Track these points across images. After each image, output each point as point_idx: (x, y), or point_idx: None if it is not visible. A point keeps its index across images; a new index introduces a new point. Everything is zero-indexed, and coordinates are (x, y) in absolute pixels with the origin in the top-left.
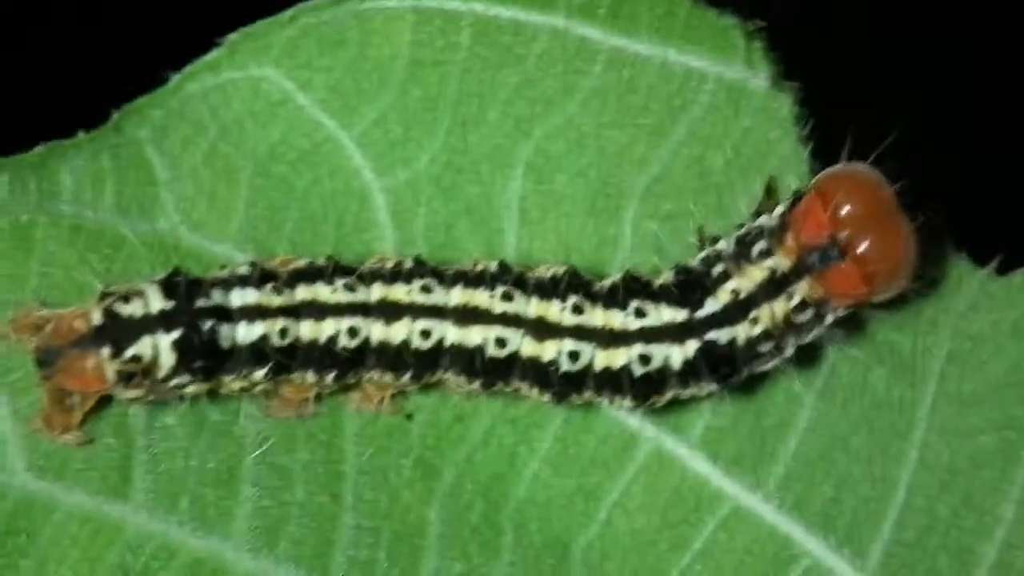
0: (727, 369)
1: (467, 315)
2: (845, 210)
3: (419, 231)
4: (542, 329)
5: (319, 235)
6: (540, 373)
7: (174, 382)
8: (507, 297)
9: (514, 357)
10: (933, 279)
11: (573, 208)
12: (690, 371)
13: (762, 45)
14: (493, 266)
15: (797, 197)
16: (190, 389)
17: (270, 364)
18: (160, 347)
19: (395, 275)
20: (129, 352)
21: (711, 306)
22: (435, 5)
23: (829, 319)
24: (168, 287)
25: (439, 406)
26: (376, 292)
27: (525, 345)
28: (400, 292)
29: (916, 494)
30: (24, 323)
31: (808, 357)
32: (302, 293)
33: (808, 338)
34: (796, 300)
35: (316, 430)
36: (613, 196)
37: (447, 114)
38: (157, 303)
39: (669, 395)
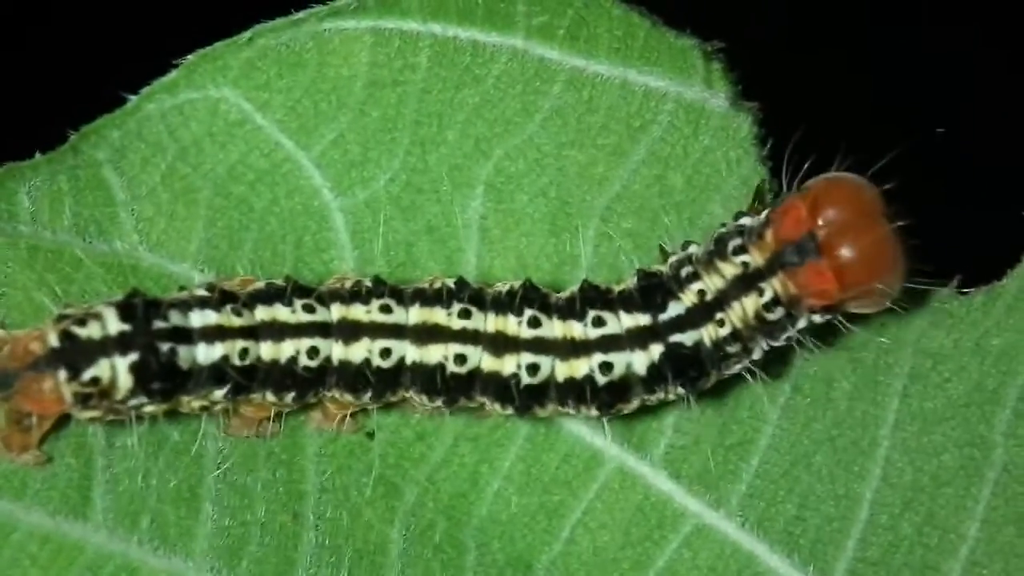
0: (694, 372)
1: (426, 333)
2: (826, 208)
3: (379, 250)
4: (500, 344)
5: (278, 254)
6: (501, 388)
7: (132, 403)
8: (465, 314)
9: (475, 373)
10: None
11: (533, 227)
12: (656, 376)
13: (720, 66)
14: (451, 283)
15: (783, 199)
16: (148, 409)
17: (229, 384)
18: (117, 369)
19: (354, 295)
20: (86, 375)
21: (675, 309)
22: (393, 26)
23: (800, 323)
24: (125, 309)
25: (400, 425)
26: (336, 312)
27: (485, 360)
28: (359, 312)
29: (880, 512)
30: None
31: (772, 374)
32: (261, 314)
33: (778, 341)
34: (767, 296)
35: (277, 449)
36: (573, 215)
37: (406, 134)
38: (114, 325)
39: (636, 402)
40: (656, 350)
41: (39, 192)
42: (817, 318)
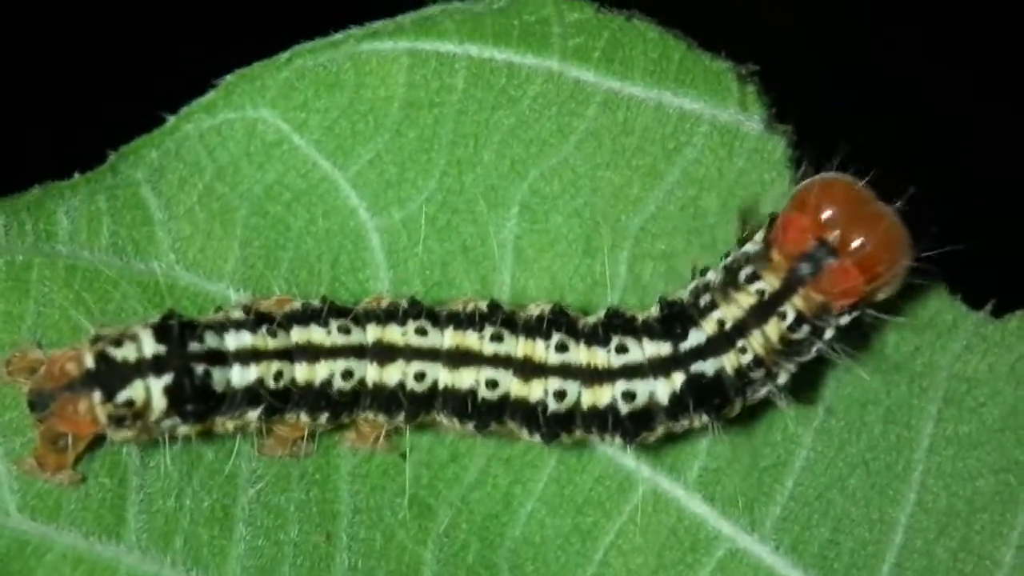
0: (717, 400)
1: (459, 357)
2: (825, 210)
3: (414, 270)
4: (528, 369)
5: (314, 274)
6: (529, 414)
7: (166, 424)
8: (497, 338)
9: (505, 399)
10: (928, 320)
11: (568, 248)
12: (679, 404)
13: (755, 89)
14: (483, 305)
15: (775, 218)
16: (182, 430)
17: (263, 406)
18: (152, 391)
19: (390, 316)
20: (121, 396)
21: (696, 337)
22: (430, 48)
23: (828, 333)
24: (161, 330)
25: (434, 444)
26: (371, 334)
27: (514, 386)
28: (395, 334)
29: (914, 537)
30: (19, 365)
31: (805, 397)
32: (297, 335)
33: (805, 357)
34: (791, 318)
35: (311, 469)
36: (608, 236)
37: (442, 155)
38: (149, 347)
39: (660, 430)
40: (678, 379)
41: (78, 212)
42: (844, 319)
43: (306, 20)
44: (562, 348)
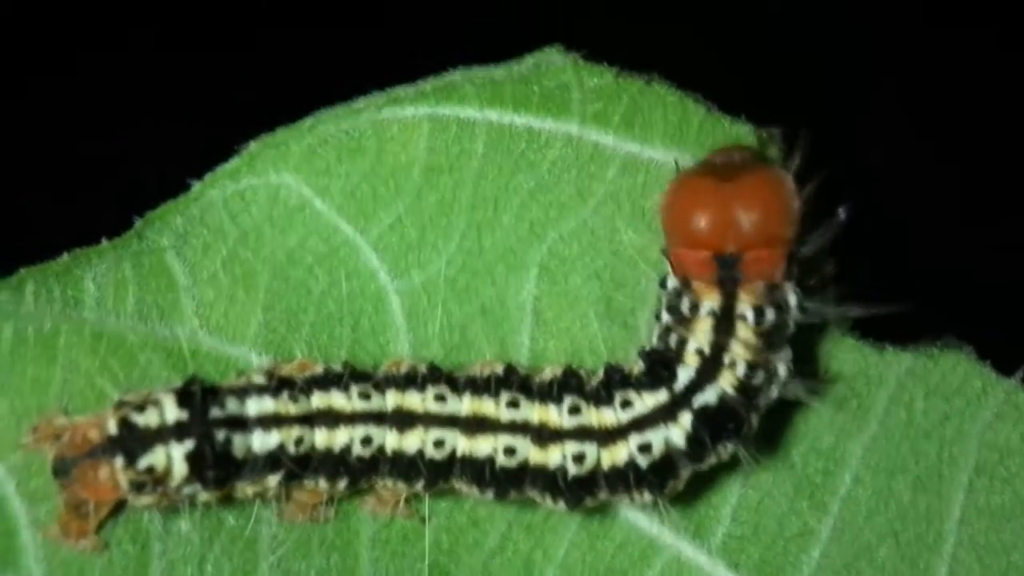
0: (732, 424)
1: (476, 424)
2: (692, 226)
3: (434, 332)
4: (545, 435)
5: (335, 337)
6: (549, 480)
7: (187, 490)
8: (513, 404)
9: (524, 466)
10: (957, 387)
11: (587, 310)
12: (697, 443)
13: (777, 149)
14: (500, 370)
15: (666, 254)
16: (203, 496)
17: (283, 472)
18: (173, 457)
19: (409, 382)
20: (142, 463)
21: (685, 374)
22: (451, 113)
23: (793, 299)
24: (183, 396)
25: (454, 510)
26: (390, 400)
27: (532, 452)
28: (414, 400)
29: None
30: (45, 432)
31: (830, 463)
32: (317, 400)
33: (792, 331)
34: (751, 315)
35: (331, 534)
36: (627, 298)
37: (462, 218)
38: (172, 413)
39: (686, 475)
40: (687, 419)
41: (104, 279)
42: (794, 286)
43: (328, 87)
44: (575, 410)
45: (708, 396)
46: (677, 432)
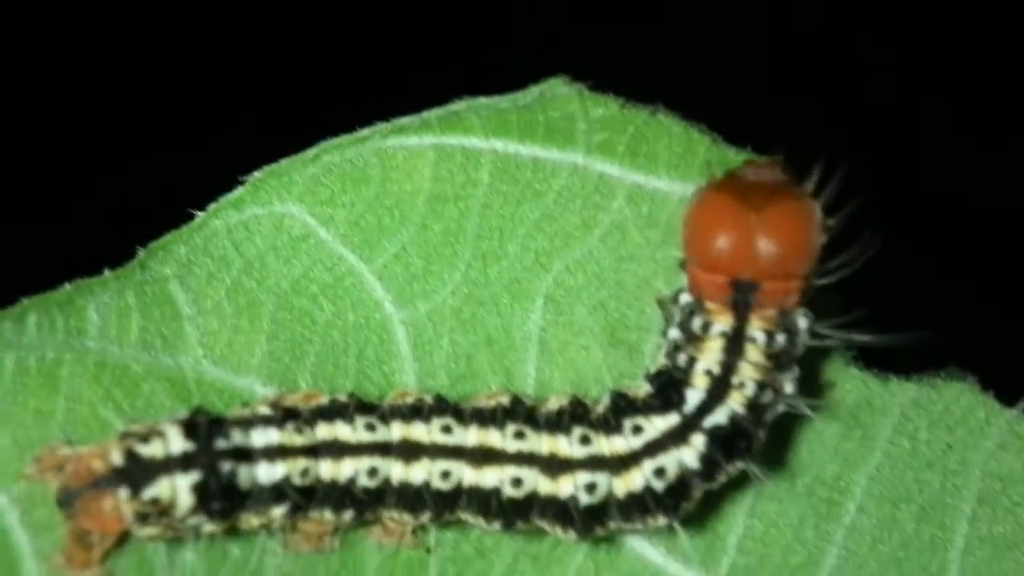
0: (743, 443)
1: (483, 456)
2: (712, 252)
3: (439, 362)
4: (555, 465)
5: (340, 367)
6: (560, 510)
7: (192, 521)
8: (519, 435)
9: (532, 497)
10: (960, 417)
11: (593, 340)
12: (710, 464)
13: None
14: (506, 400)
15: (683, 266)
16: (208, 527)
17: (289, 504)
18: (177, 488)
19: (415, 413)
20: (147, 494)
21: (694, 396)
22: (456, 143)
23: (804, 324)
24: (188, 427)
25: (460, 540)
26: (396, 431)
27: (542, 483)
28: (420, 432)
29: None
30: (49, 462)
31: (834, 493)
32: (322, 432)
33: (800, 352)
34: (762, 339)
35: (337, 565)
36: (633, 328)
37: (467, 248)
38: (177, 444)
39: (699, 494)
40: (699, 440)
41: (107, 308)
42: (809, 315)
43: (333, 116)
44: (585, 440)
45: (719, 417)
46: (690, 454)
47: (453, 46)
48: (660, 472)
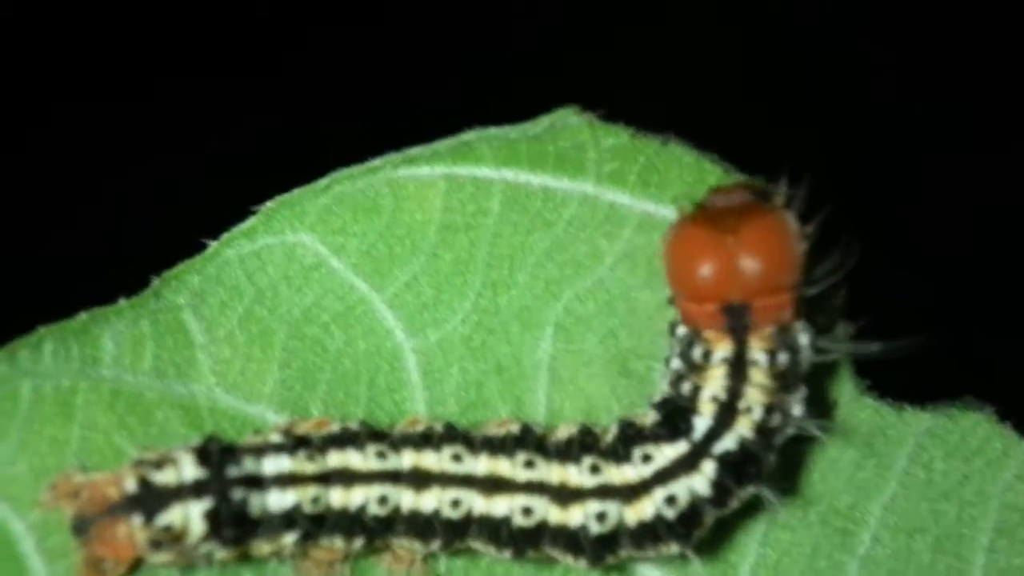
0: (753, 468)
1: (492, 484)
2: (697, 279)
3: (450, 390)
4: (566, 494)
5: (351, 395)
6: (571, 539)
7: (204, 548)
8: (529, 464)
9: (542, 526)
10: (977, 448)
11: (603, 369)
12: (722, 490)
13: (795, 210)
14: (516, 429)
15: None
16: (220, 554)
17: (300, 531)
18: (190, 516)
19: (425, 441)
20: (160, 521)
21: (702, 424)
22: (466, 173)
23: (804, 339)
24: (201, 455)
25: (470, 568)
26: (407, 459)
27: (552, 512)
28: (430, 460)
29: None
30: (63, 489)
31: (848, 523)
32: (333, 459)
33: (802, 372)
34: (764, 360)
35: None
36: (643, 357)
37: (478, 276)
38: (190, 471)
39: (711, 520)
40: (710, 467)
41: (122, 336)
42: (806, 327)
43: (344, 146)
44: (595, 469)
45: (728, 443)
46: (701, 481)
47: (453, 46)
48: (671, 500)
